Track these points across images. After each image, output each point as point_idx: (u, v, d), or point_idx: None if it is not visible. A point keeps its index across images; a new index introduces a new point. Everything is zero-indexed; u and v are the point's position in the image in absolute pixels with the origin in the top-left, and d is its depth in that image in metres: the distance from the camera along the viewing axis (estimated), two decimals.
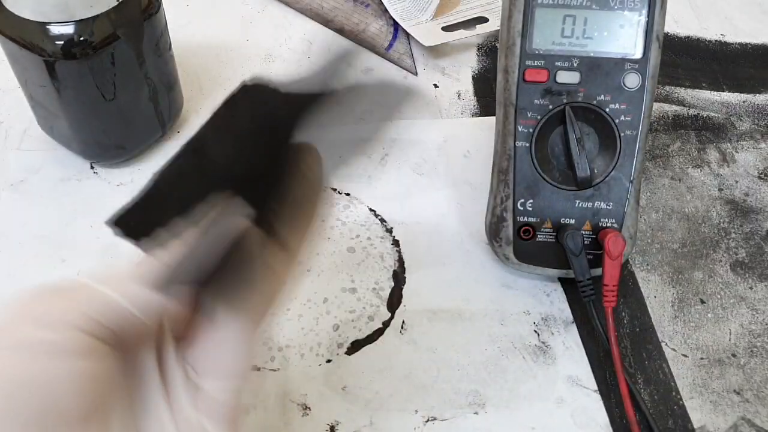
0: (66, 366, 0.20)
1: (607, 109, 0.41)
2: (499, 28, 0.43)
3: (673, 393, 0.40)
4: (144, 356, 0.24)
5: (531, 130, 0.41)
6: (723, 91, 0.58)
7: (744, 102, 0.57)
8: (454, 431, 0.38)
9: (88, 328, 0.21)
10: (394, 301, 0.43)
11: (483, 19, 0.60)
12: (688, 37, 0.62)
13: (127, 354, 0.23)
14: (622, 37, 0.41)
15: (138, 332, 0.23)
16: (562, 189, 0.42)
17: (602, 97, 0.41)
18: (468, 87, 0.57)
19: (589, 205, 0.42)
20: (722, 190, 0.51)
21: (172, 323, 0.24)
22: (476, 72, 0.58)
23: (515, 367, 0.41)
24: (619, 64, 0.41)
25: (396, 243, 0.46)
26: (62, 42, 0.40)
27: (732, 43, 0.62)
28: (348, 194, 0.48)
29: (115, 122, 0.45)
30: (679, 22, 0.64)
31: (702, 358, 0.42)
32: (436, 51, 0.59)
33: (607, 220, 0.42)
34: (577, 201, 0.42)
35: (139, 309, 0.22)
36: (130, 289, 0.22)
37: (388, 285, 0.44)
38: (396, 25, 0.60)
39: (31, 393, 0.19)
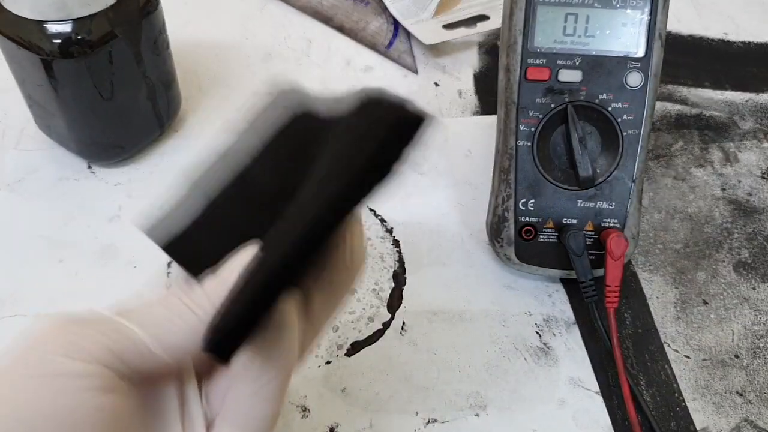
0: (90, 401, 0.20)
1: (610, 108, 0.41)
2: (500, 26, 0.43)
3: (676, 394, 0.40)
4: (165, 391, 0.23)
5: (533, 129, 0.41)
6: (726, 90, 0.58)
7: (747, 101, 0.57)
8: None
9: (112, 363, 0.21)
10: (394, 302, 0.43)
11: (484, 17, 0.59)
12: (691, 35, 0.62)
13: (147, 388, 0.23)
14: (625, 35, 0.40)
15: (160, 370, 0.22)
16: (564, 189, 0.41)
17: (604, 95, 0.41)
18: (469, 85, 0.56)
19: (591, 204, 0.41)
20: (725, 189, 0.50)
21: (196, 359, 0.23)
22: (477, 70, 0.58)
23: (516, 369, 0.40)
24: (622, 62, 0.40)
25: (396, 243, 0.46)
26: (60, 41, 0.39)
27: (735, 42, 0.62)
28: None
29: (112, 121, 0.45)
30: (681, 21, 0.63)
31: (705, 360, 0.41)
32: (436, 49, 0.59)
33: (609, 220, 0.42)
34: (579, 201, 0.41)
35: (166, 350, 0.22)
36: (161, 328, 0.22)
37: (388, 286, 0.43)
38: (396, 23, 0.60)
39: (54, 426, 0.19)
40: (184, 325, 0.22)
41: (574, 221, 0.42)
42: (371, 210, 0.47)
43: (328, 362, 0.40)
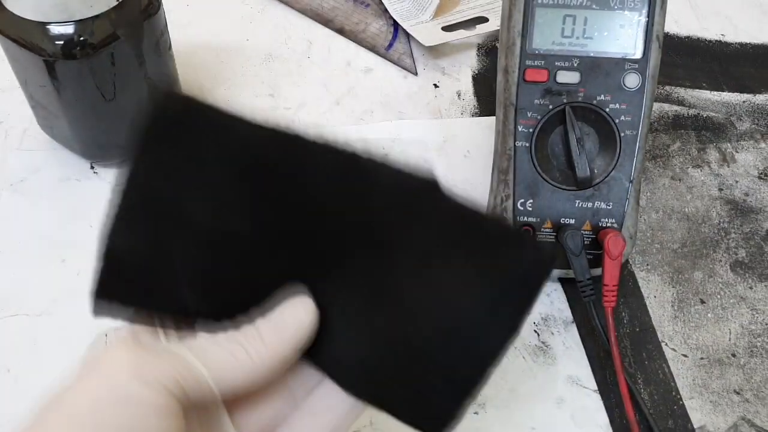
0: (158, 425, 0.22)
1: (607, 109, 0.41)
2: (499, 27, 0.43)
3: (673, 393, 0.40)
4: (202, 415, 0.25)
5: (531, 130, 0.41)
6: (723, 91, 0.58)
7: (744, 102, 0.57)
8: (453, 431, 0.38)
9: (177, 394, 0.23)
10: None
11: (483, 19, 0.60)
12: (688, 37, 0.62)
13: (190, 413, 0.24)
14: (622, 36, 0.41)
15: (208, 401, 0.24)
16: (562, 189, 0.42)
17: (602, 97, 0.41)
18: (468, 87, 0.57)
19: (589, 205, 0.42)
20: (722, 190, 0.51)
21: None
22: (476, 72, 0.58)
23: (515, 367, 0.40)
24: (619, 64, 0.41)
25: None
26: (62, 42, 0.40)
27: (732, 43, 0.62)
28: None
29: (115, 122, 0.45)
30: (679, 22, 0.64)
31: (702, 358, 0.42)
32: (436, 51, 0.59)
33: (607, 220, 0.42)
34: (577, 201, 0.42)
35: (221, 388, 0.23)
36: (221, 368, 0.24)
37: None
38: (396, 25, 0.60)
39: None
40: (240, 369, 0.24)
41: (572, 221, 0.42)
42: None
43: None
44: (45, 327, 0.40)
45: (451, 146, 0.52)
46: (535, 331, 0.42)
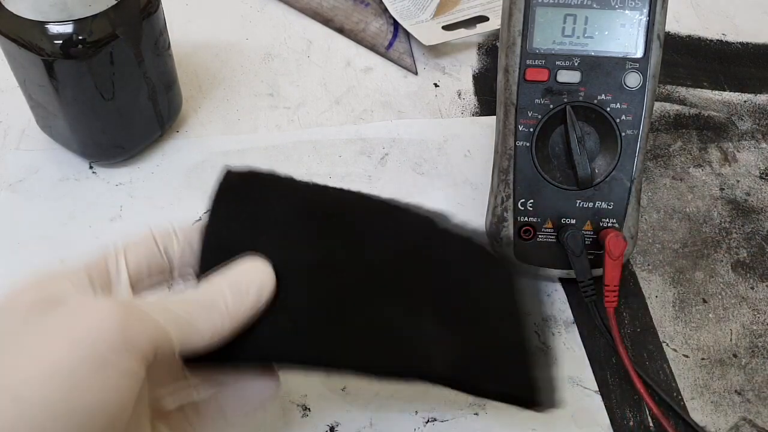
0: (129, 398, 0.23)
1: (608, 109, 0.41)
2: (499, 27, 0.43)
3: (674, 393, 0.40)
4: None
5: (532, 129, 0.41)
6: (724, 90, 0.58)
7: (745, 101, 0.57)
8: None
9: (151, 358, 0.23)
10: None
11: (483, 18, 0.59)
12: (690, 36, 0.62)
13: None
14: (623, 36, 0.40)
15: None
16: (563, 189, 0.42)
17: (603, 96, 0.41)
18: (468, 86, 0.57)
19: (590, 204, 0.42)
20: (723, 189, 0.51)
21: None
22: (477, 71, 0.58)
23: None
24: (620, 63, 0.40)
25: None
26: (61, 41, 0.40)
27: (733, 43, 0.62)
28: None
29: (113, 122, 0.45)
30: (680, 21, 0.63)
31: (703, 359, 0.42)
32: (436, 50, 0.59)
33: (608, 219, 0.42)
34: (578, 201, 0.42)
35: (184, 350, 0.25)
36: (184, 335, 0.25)
37: None
38: (396, 24, 0.60)
39: (91, 421, 0.21)
40: (203, 338, 0.25)
41: (573, 221, 0.42)
42: None
43: None
44: None
45: (452, 146, 0.52)
46: (536, 332, 0.42)
